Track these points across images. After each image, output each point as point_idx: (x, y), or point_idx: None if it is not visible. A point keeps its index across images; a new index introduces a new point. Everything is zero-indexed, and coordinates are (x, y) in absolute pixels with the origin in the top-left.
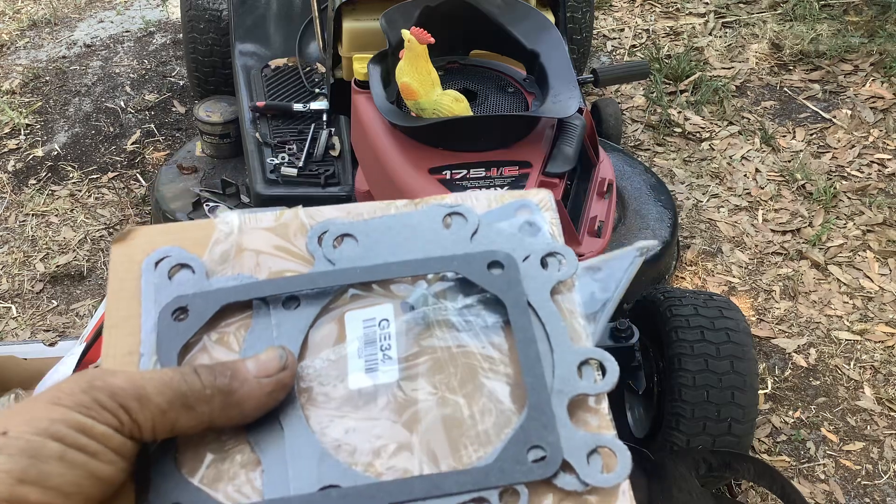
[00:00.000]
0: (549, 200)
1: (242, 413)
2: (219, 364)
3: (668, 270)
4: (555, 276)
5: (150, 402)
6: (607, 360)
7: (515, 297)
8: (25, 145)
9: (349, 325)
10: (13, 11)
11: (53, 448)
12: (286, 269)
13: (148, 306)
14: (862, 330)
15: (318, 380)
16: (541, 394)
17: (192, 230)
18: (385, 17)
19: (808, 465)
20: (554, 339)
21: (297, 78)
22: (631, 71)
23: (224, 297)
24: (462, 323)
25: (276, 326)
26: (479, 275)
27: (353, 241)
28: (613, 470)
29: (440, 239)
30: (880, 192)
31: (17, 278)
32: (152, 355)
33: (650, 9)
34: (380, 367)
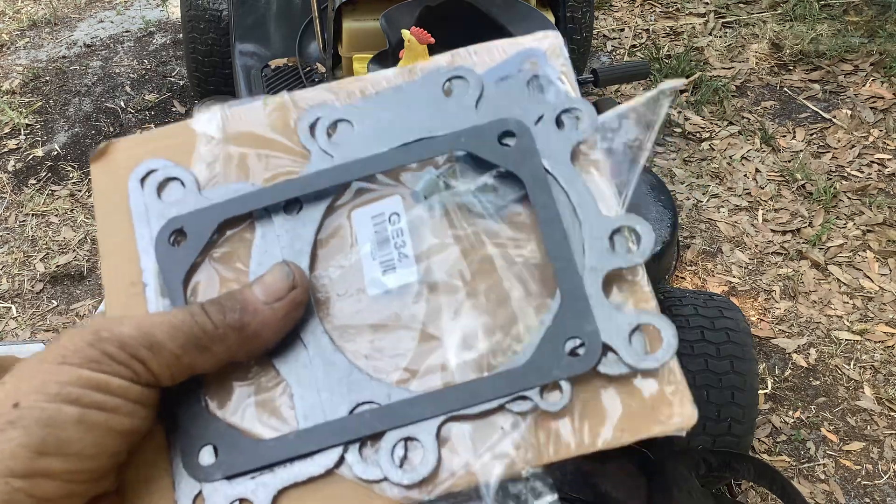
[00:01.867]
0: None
1: (261, 343)
2: (226, 297)
3: (668, 270)
4: (573, 137)
5: (163, 348)
6: (641, 225)
7: (532, 169)
8: (25, 145)
9: (358, 224)
10: (13, 11)
11: (70, 412)
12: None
13: (141, 229)
14: (862, 330)
15: (335, 290)
16: (572, 278)
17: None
18: (385, 17)
19: (808, 465)
20: (580, 209)
21: (297, 78)
22: (631, 71)
23: (222, 213)
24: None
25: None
26: (490, 149)
27: (349, 127)
28: (658, 348)
29: (443, 110)
30: (880, 192)
31: (17, 278)
32: (157, 286)
33: (650, 9)
34: (397, 267)
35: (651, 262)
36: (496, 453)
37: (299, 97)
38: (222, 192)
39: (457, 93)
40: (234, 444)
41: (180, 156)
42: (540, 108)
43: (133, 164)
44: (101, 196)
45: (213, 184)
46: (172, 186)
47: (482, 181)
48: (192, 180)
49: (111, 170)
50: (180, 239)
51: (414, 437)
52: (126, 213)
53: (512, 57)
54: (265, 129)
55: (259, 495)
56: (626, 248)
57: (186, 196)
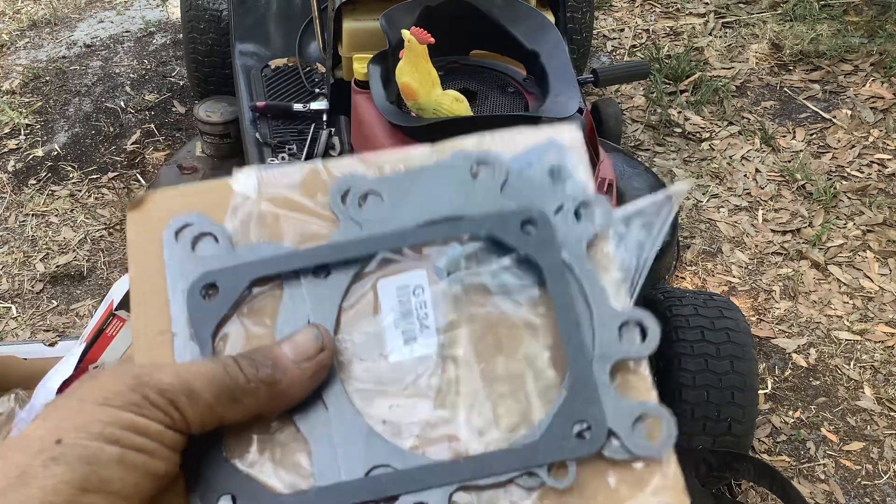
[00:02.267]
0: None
1: (287, 400)
2: (257, 352)
3: (668, 270)
4: (590, 230)
5: (199, 397)
6: (648, 320)
7: (551, 258)
8: (25, 145)
9: (383, 294)
10: (13, 11)
11: (112, 452)
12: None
13: (173, 280)
14: (862, 330)
15: (357, 355)
16: (583, 365)
17: (210, 192)
18: (385, 17)
19: (808, 465)
20: (593, 299)
21: (297, 78)
22: (631, 71)
23: (254, 272)
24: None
25: (309, 298)
26: (512, 235)
27: (379, 199)
28: (658, 438)
29: (469, 192)
30: (880, 192)
31: (17, 278)
32: (186, 335)
33: (650, 9)
34: (418, 338)
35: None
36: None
37: (332, 165)
38: (254, 251)
39: (483, 176)
40: (253, 495)
41: (215, 212)
42: (559, 198)
43: (168, 216)
44: (135, 245)
45: (245, 241)
46: (206, 241)
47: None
48: (225, 237)
49: (147, 220)
50: (212, 293)
51: (426, 502)
52: (159, 264)
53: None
54: (298, 193)
55: None
56: (633, 340)
57: (220, 251)
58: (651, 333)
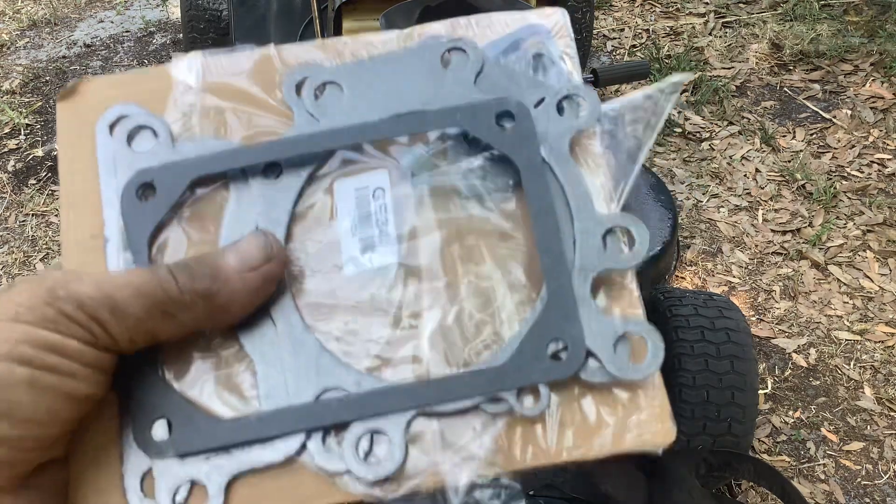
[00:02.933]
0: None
1: (228, 315)
2: (196, 261)
3: (668, 270)
4: (574, 124)
5: (125, 312)
6: (636, 226)
7: (529, 156)
8: (25, 145)
9: (339, 196)
10: (13, 11)
11: (21, 374)
12: (262, 125)
13: (107, 179)
14: (862, 330)
15: (310, 265)
16: (560, 277)
17: (149, 80)
18: (385, 17)
19: (808, 465)
20: (574, 203)
21: None
22: (631, 71)
23: (195, 170)
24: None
25: (257, 201)
26: (486, 130)
27: (338, 90)
28: (643, 359)
29: (439, 82)
30: (880, 192)
31: (18, 278)
32: (121, 242)
33: (650, 9)
34: (377, 246)
35: (651, 263)
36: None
37: (287, 52)
38: (197, 147)
39: (455, 65)
40: (191, 420)
41: (155, 103)
42: (541, 90)
43: (104, 107)
44: (66, 139)
45: (188, 136)
46: (144, 135)
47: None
48: (165, 131)
49: (80, 111)
50: (149, 193)
51: (381, 430)
52: (92, 161)
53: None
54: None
55: (212, 479)
56: (619, 250)
57: (158, 147)
58: (639, 241)
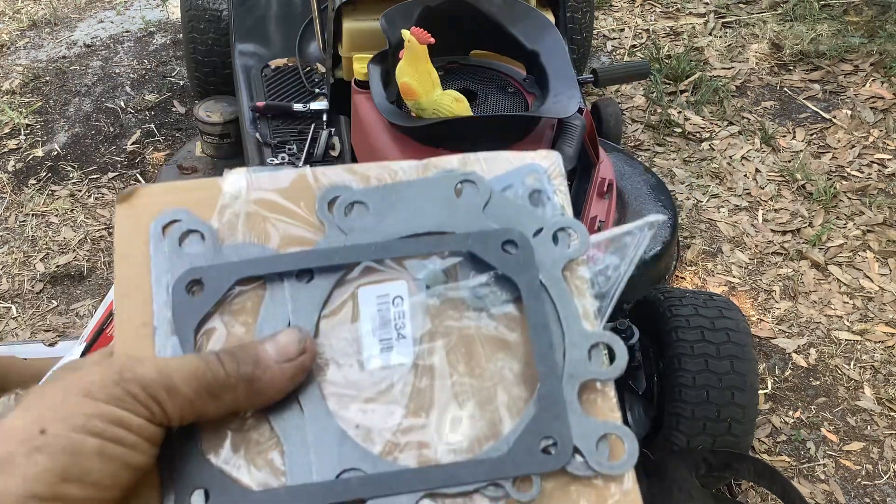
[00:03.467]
0: (559, 165)
1: (264, 399)
2: (240, 349)
3: (668, 270)
4: (566, 254)
5: (179, 392)
6: (617, 344)
7: (529, 279)
8: (25, 145)
9: (363, 301)
10: (13, 11)
11: (92, 444)
12: (296, 234)
13: (158, 274)
14: (862, 330)
15: (335, 359)
16: (553, 384)
17: (199, 190)
18: (385, 17)
19: (808, 465)
20: (565, 320)
21: (297, 78)
22: (631, 71)
23: (239, 271)
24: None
25: (291, 300)
26: (493, 254)
27: (365, 209)
28: (620, 458)
29: (453, 208)
30: (880, 192)
31: (17, 278)
32: (168, 330)
33: (650, 9)
34: (395, 347)
35: (651, 263)
36: None
37: (320, 173)
38: (240, 251)
39: (466, 194)
40: (226, 490)
41: (203, 210)
42: (538, 221)
43: (157, 210)
44: (122, 237)
45: (231, 241)
46: (193, 238)
47: (480, 280)
48: (212, 235)
49: (135, 213)
50: (196, 289)
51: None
52: (145, 258)
53: (517, 169)
54: (285, 197)
55: None
56: (601, 362)
57: (206, 249)
58: (619, 357)
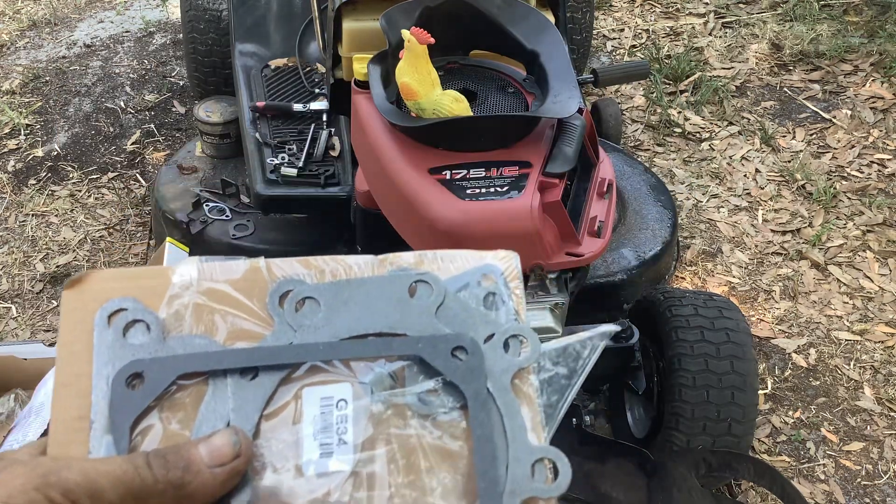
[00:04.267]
0: (515, 266)
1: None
2: (172, 451)
3: (668, 270)
4: (516, 362)
5: (103, 497)
6: (560, 460)
7: (476, 389)
8: (25, 145)
9: (306, 402)
10: (13, 11)
11: None
12: (244, 328)
13: (100, 366)
14: (862, 330)
15: (272, 463)
16: (493, 499)
17: (149, 277)
18: (385, 17)
19: (808, 465)
20: (511, 432)
21: (297, 78)
22: (631, 71)
23: (181, 367)
24: (421, 407)
25: (233, 398)
26: (442, 360)
27: (316, 305)
28: None
29: (405, 309)
30: (880, 192)
31: (17, 278)
32: (104, 424)
33: (650, 9)
34: (335, 453)
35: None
36: None
37: (274, 265)
38: (185, 343)
39: (420, 295)
40: None
41: (151, 298)
42: (491, 326)
43: (105, 297)
44: (68, 324)
45: (178, 332)
46: (138, 328)
47: (427, 386)
48: (158, 326)
49: (83, 299)
50: (136, 383)
51: None
52: (88, 347)
53: (472, 269)
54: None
55: None
56: (544, 478)
57: (150, 341)
58: (562, 474)
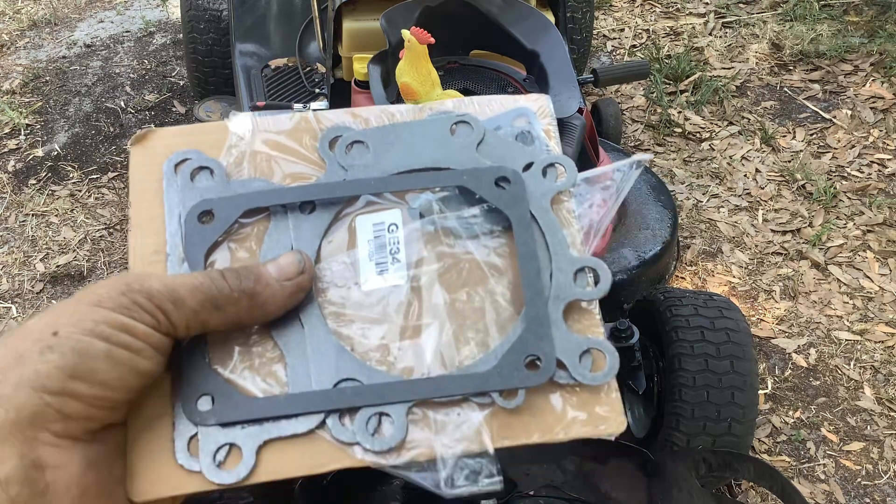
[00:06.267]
0: (547, 106)
1: (266, 313)
2: (243, 268)
3: (668, 271)
4: (555, 187)
5: (184, 304)
6: (601, 268)
7: (520, 213)
8: (25, 145)
9: (360, 229)
10: (13, 11)
11: (100, 347)
12: (298, 171)
13: (171, 207)
14: (862, 330)
15: (334, 281)
16: (539, 307)
17: (208, 132)
18: (385, 17)
19: (808, 465)
20: (553, 247)
21: (297, 78)
22: (631, 71)
23: (247, 202)
24: (466, 230)
25: (293, 230)
26: (486, 189)
27: (364, 148)
28: (602, 369)
29: (447, 146)
30: (880, 192)
31: (17, 278)
32: (179, 255)
33: (650, 9)
34: (390, 269)
35: (651, 263)
36: (456, 436)
37: (322, 116)
38: (247, 186)
39: (461, 134)
40: (230, 397)
41: (212, 150)
42: (529, 156)
43: (169, 151)
44: (136, 176)
45: (238, 177)
46: (203, 174)
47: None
48: (221, 171)
49: (149, 154)
50: (207, 219)
51: (387, 413)
52: (157, 193)
53: (507, 112)
54: (288, 137)
55: (247, 443)
56: (586, 284)
57: (215, 184)
58: (603, 279)
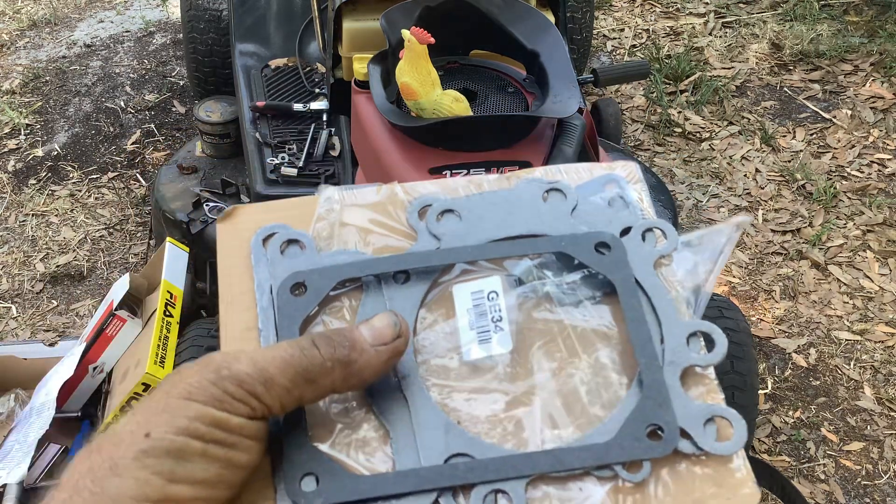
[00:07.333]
0: (637, 173)
1: (361, 380)
2: (335, 333)
3: None
4: (656, 251)
5: (276, 383)
6: (715, 332)
7: (624, 277)
8: (25, 145)
9: (458, 298)
10: (13, 11)
11: (195, 446)
12: (389, 244)
13: (260, 282)
14: (862, 330)
15: (434, 352)
16: (655, 373)
17: (294, 207)
18: (385, 17)
19: (808, 465)
20: (661, 312)
21: (297, 78)
22: (631, 71)
23: (340, 274)
24: (567, 296)
25: (388, 300)
26: (587, 255)
27: (455, 217)
28: (729, 438)
29: (540, 214)
30: (880, 192)
31: (17, 278)
32: (271, 331)
33: (650, 9)
34: (492, 338)
35: None
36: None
37: (409, 187)
38: (337, 258)
39: (553, 201)
40: (335, 475)
41: (299, 224)
42: (624, 222)
43: (255, 226)
44: (224, 251)
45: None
46: (293, 248)
47: (573, 277)
48: (311, 243)
49: (236, 230)
50: (300, 292)
51: (504, 490)
52: (246, 269)
53: (596, 178)
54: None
55: None
56: (700, 349)
57: (306, 257)
58: (718, 344)
